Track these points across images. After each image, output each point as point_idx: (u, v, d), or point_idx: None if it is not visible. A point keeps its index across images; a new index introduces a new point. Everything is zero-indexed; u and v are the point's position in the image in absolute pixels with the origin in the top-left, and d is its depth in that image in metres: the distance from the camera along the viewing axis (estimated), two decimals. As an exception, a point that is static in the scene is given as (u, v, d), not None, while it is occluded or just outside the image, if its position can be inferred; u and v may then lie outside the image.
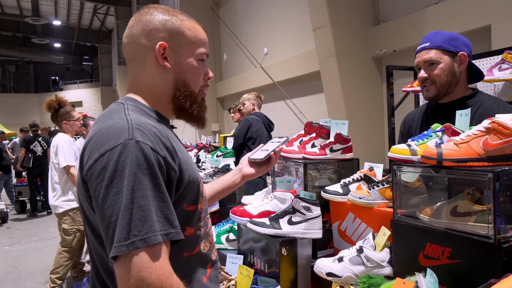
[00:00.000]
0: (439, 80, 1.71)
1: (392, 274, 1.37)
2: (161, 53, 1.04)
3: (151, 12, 1.06)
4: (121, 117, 0.95)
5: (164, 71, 1.06)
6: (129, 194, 0.83)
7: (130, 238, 0.81)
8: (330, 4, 5.76)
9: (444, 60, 1.70)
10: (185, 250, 1.00)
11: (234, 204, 2.43)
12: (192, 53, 1.08)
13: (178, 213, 0.94)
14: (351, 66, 5.95)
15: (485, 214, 1.11)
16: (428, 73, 1.73)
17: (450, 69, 1.70)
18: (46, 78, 31.11)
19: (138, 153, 0.86)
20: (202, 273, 1.05)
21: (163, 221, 0.85)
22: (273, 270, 1.60)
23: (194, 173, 1.02)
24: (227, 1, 11.11)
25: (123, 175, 0.84)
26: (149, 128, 0.92)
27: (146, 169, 0.85)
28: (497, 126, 1.15)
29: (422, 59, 1.74)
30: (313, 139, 1.96)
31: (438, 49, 1.70)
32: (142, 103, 1.06)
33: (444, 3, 4.87)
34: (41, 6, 21.32)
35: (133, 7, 18.06)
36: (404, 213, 1.37)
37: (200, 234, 1.05)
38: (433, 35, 1.75)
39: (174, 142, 0.99)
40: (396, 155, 1.37)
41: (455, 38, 1.73)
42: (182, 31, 1.06)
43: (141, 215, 0.82)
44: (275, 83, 8.58)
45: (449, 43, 1.70)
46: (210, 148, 3.44)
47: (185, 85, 1.08)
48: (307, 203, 1.59)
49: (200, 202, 1.05)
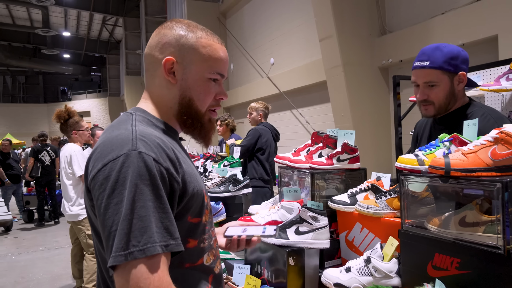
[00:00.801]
0: (438, 102, 1.67)
1: (400, 285, 1.36)
2: (167, 67, 1.05)
3: (171, 26, 1.07)
4: (127, 128, 0.95)
5: (170, 86, 1.06)
6: (129, 205, 0.83)
7: (129, 249, 0.81)
8: (336, 15, 5.80)
9: (444, 81, 1.64)
10: (187, 262, 1.00)
11: (241, 214, 2.44)
12: (202, 71, 1.06)
13: (182, 225, 0.95)
14: (357, 76, 5.96)
15: (494, 225, 1.11)
16: (427, 94, 1.67)
17: (450, 90, 1.65)
18: (55, 89, 31.49)
19: (140, 163, 0.87)
20: (204, 284, 1.04)
21: (163, 232, 0.85)
22: (280, 280, 1.59)
23: (199, 185, 1.02)
24: (234, 12, 11.23)
25: (125, 186, 0.85)
26: (153, 140, 0.93)
27: (147, 180, 0.86)
28: (505, 136, 1.14)
29: (421, 80, 1.67)
30: (320, 149, 1.97)
31: (438, 69, 1.62)
32: (151, 114, 1.07)
33: (451, 13, 4.88)
34: (51, 18, 21.70)
35: (141, 18, 18.31)
36: (412, 223, 1.36)
37: (204, 247, 1.05)
38: (432, 51, 1.65)
39: (179, 154, 0.99)
40: (404, 165, 1.37)
41: (456, 56, 1.64)
42: (195, 48, 1.05)
43: (141, 225, 0.83)
44: (281, 93, 8.61)
45: (450, 64, 1.62)
46: (217, 158, 3.45)
47: (190, 102, 1.07)
48: (314, 213, 1.59)
49: (205, 214, 1.05)
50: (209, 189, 2.56)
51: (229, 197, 2.50)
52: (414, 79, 1.71)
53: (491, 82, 2.72)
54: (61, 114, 3.92)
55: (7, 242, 7.07)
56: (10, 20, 22.20)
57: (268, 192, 4.39)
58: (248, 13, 10.37)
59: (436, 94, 1.66)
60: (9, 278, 5.10)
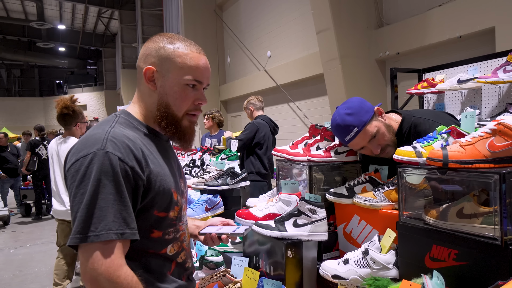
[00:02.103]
0: (390, 140, 1.75)
1: (398, 276, 1.36)
2: (148, 75, 1.18)
3: (155, 40, 1.21)
4: (104, 128, 1.09)
5: (151, 92, 1.20)
6: (91, 196, 0.98)
7: (87, 233, 0.96)
8: (333, 7, 5.77)
9: (377, 125, 1.72)
10: (151, 249, 1.13)
11: (239, 207, 2.44)
12: (178, 78, 1.18)
13: (148, 217, 1.10)
14: (354, 68, 5.95)
15: (491, 216, 1.11)
16: (378, 144, 1.74)
17: (385, 125, 1.75)
18: (51, 82, 31.31)
19: (106, 161, 1.00)
20: (166, 270, 1.17)
21: (120, 222, 0.99)
22: (279, 272, 1.60)
23: (167, 184, 1.13)
24: (231, 4, 11.15)
25: (90, 179, 0.99)
26: (122, 141, 1.06)
27: (111, 176, 1.00)
28: (503, 128, 1.15)
29: (361, 144, 1.74)
30: (318, 142, 1.97)
31: (365, 126, 1.70)
32: (135, 117, 1.20)
33: (448, 5, 4.87)
34: (46, 11, 21.49)
35: (137, 11, 18.16)
36: (409, 215, 1.37)
37: (168, 239, 1.16)
38: (344, 120, 1.72)
39: (150, 155, 1.12)
40: (402, 157, 1.37)
41: (360, 106, 1.74)
42: (171, 58, 1.17)
43: (99, 214, 0.97)
44: (278, 86, 8.60)
45: (364, 114, 1.71)
46: (215, 151, 3.45)
47: (167, 107, 1.19)
48: (312, 206, 1.59)
49: (173, 210, 1.16)
50: (206, 182, 2.56)
51: (227, 190, 2.50)
52: (357, 148, 1.78)
53: (488, 74, 2.72)
54: (68, 104, 3.67)
55: (5, 236, 7.07)
56: (5, 13, 21.97)
57: (265, 186, 4.40)
58: (244, 5, 10.31)
59: (383, 138, 1.74)
60: (7, 271, 5.10)
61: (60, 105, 3.68)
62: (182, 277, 1.22)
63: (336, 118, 1.75)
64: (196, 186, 2.67)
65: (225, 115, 12.03)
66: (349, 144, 1.76)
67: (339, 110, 1.76)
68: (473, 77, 2.83)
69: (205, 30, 11.48)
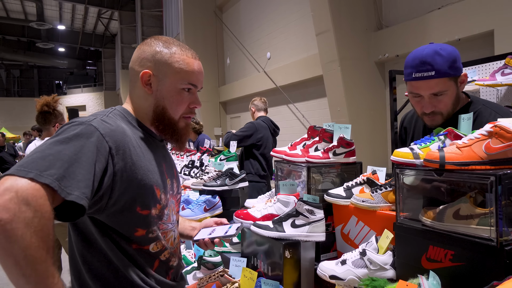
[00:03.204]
0: (447, 110, 1.58)
1: (395, 277, 1.37)
2: (145, 79, 1.19)
3: (150, 43, 1.23)
4: (96, 114, 1.11)
5: (147, 96, 1.22)
6: (56, 145, 0.95)
7: (31, 170, 0.88)
8: (333, 9, 5.78)
9: (450, 87, 1.54)
10: (134, 243, 1.14)
11: (237, 208, 2.45)
12: (175, 83, 1.21)
13: (131, 215, 1.10)
14: (354, 70, 5.96)
15: (487, 217, 1.12)
16: (434, 105, 1.56)
17: (456, 95, 1.57)
18: (50, 82, 31.27)
19: (87, 129, 1.00)
20: (149, 266, 1.17)
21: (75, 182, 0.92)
22: (277, 273, 1.61)
23: (149, 180, 1.13)
24: (230, 6, 11.17)
25: (65, 133, 0.98)
26: (111, 125, 1.07)
27: (86, 139, 0.98)
28: (499, 130, 1.16)
29: (427, 91, 1.55)
30: (316, 143, 1.98)
31: (444, 77, 1.51)
32: (130, 113, 1.23)
33: (447, 8, 4.88)
34: (45, 11, 21.49)
35: (137, 12, 18.17)
36: (407, 216, 1.37)
37: (151, 237, 1.17)
38: (432, 58, 1.50)
39: (137, 148, 1.12)
40: (399, 159, 1.38)
41: (456, 59, 1.53)
42: (169, 63, 1.20)
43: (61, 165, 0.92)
44: (278, 88, 8.60)
45: (453, 68, 1.52)
46: (214, 152, 3.45)
47: (163, 111, 1.22)
48: (311, 206, 1.60)
49: (155, 208, 1.16)
50: (205, 182, 2.57)
51: (225, 191, 2.51)
52: (416, 91, 1.57)
53: (486, 77, 2.74)
54: (50, 103, 3.58)
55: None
56: (4, 13, 21.97)
57: (264, 187, 4.40)
58: (244, 7, 10.32)
59: (444, 103, 1.55)
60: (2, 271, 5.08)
61: (40, 102, 3.56)
62: (167, 276, 1.23)
63: (423, 50, 1.53)
64: (195, 186, 2.68)
65: (224, 116, 12.04)
66: (411, 82, 1.56)
67: (433, 45, 1.55)
68: (472, 79, 2.85)
69: (204, 31, 11.49)
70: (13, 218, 0.82)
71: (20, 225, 0.82)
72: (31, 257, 0.83)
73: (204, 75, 1.31)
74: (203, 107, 1.96)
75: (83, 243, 1.11)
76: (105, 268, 1.10)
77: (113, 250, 1.10)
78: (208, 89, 11.23)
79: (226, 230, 1.46)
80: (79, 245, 1.11)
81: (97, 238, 1.10)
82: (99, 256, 1.10)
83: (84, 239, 1.11)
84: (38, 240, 0.84)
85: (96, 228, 1.10)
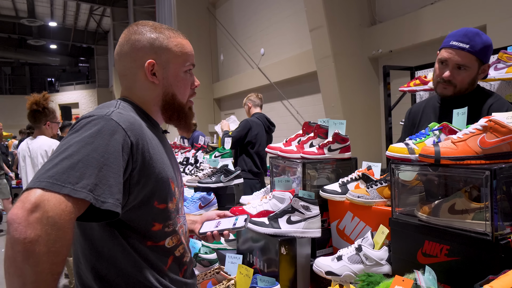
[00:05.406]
0: (461, 85, 1.71)
1: (391, 272, 1.38)
2: (149, 70, 1.14)
3: (139, 31, 1.15)
4: (109, 105, 1.07)
5: (153, 86, 1.16)
6: (82, 147, 0.91)
7: (63, 184, 0.85)
8: (326, 5, 5.77)
9: (473, 68, 1.68)
10: (148, 240, 1.09)
11: (232, 204, 2.44)
12: (179, 67, 1.18)
13: (149, 210, 1.06)
14: (347, 66, 5.96)
15: (482, 212, 1.13)
16: (453, 76, 1.70)
17: (474, 77, 1.71)
18: (42, 80, 30.95)
19: (110, 124, 0.96)
20: (163, 263, 1.12)
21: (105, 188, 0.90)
22: (273, 269, 1.60)
23: (166, 173, 1.10)
24: (224, 2, 11.11)
25: (87, 131, 0.94)
26: (130, 116, 1.04)
27: (109, 135, 0.94)
28: (493, 125, 1.16)
29: (454, 60, 1.68)
30: (311, 139, 1.97)
31: (474, 55, 1.66)
32: (136, 105, 1.17)
33: (440, 4, 4.90)
34: (37, 8, 21.25)
35: (129, 8, 18.03)
36: (402, 212, 1.38)
37: (168, 231, 1.13)
38: (473, 36, 1.67)
39: (153, 140, 1.09)
40: (394, 154, 1.38)
41: (490, 48, 1.70)
42: (169, 48, 1.15)
43: (84, 172, 0.88)
44: (272, 84, 8.59)
45: (484, 53, 1.68)
46: (208, 149, 3.44)
47: (173, 97, 1.18)
48: (306, 203, 1.60)
49: (172, 201, 1.13)
50: (200, 179, 2.56)
51: (220, 188, 2.50)
52: (445, 57, 1.70)
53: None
54: (39, 101, 3.50)
55: (-3, 235, 7.01)
56: (-5, 10, 21.74)
57: (257, 184, 4.39)
58: (237, 3, 10.28)
59: (462, 78, 1.69)
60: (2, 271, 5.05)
61: (30, 101, 3.51)
62: (180, 273, 1.19)
63: (469, 28, 1.71)
64: (190, 183, 2.67)
65: (218, 112, 12.01)
66: (446, 48, 1.71)
67: (478, 30, 1.72)
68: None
69: (198, 28, 11.42)
70: (38, 240, 0.80)
71: (42, 248, 0.80)
72: (40, 282, 0.81)
73: (198, 72, 1.29)
74: (196, 104, 1.95)
75: (91, 250, 1.06)
76: (114, 275, 1.05)
77: (124, 252, 1.04)
78: (202, 86, 11.13)
79: (234, 222, 1.40)
80: (87, 252, 1.06)
81: (107, 243, 1.04)
82: (108, 263, 1.05)
83: (91, 247, 1.05)
84: (51, 266, 0.82)
85: (106, 232, 1.04)
